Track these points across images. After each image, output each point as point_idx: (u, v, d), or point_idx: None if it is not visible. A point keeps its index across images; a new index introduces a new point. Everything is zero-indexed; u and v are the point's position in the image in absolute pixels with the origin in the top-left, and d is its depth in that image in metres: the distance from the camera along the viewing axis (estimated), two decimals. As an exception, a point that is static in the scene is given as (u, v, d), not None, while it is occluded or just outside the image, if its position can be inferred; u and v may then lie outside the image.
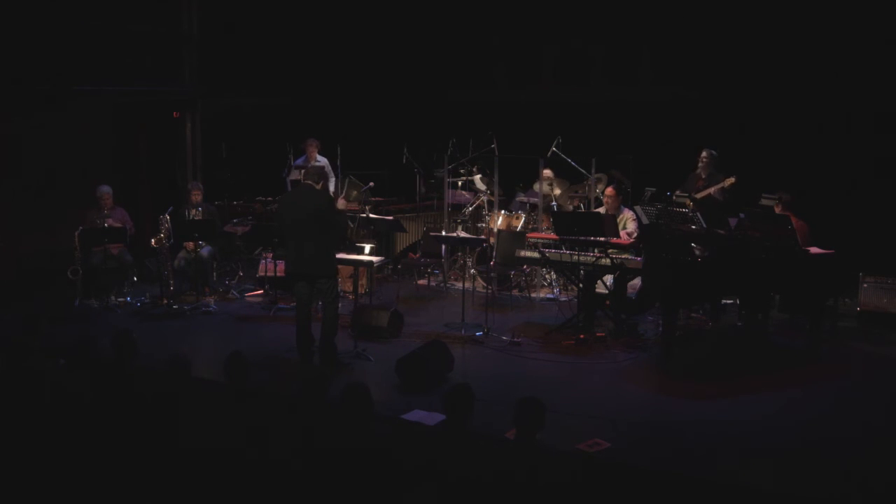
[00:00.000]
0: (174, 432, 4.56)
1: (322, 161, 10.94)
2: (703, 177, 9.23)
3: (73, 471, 4.42)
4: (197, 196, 10.01)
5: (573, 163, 10.17)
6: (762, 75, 10.49)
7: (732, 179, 8.90)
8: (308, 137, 10.94)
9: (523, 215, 10.27)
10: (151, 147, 12.04)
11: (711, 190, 9.00)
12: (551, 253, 8.57)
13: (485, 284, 9.79)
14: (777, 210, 8.55)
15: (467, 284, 9.61)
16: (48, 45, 10.11)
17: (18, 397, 5.07)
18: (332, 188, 10.81)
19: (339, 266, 8.19)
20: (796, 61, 10.26)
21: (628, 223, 8.74)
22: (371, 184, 10.81)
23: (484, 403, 5.12)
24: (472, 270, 10.17)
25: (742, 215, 8.22)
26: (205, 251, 9.86)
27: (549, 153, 10.16)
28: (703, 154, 9.25)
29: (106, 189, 9.68)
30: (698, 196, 9.04)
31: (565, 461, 4.81)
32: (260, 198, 11.36)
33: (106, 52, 10.68)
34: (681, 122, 10.68)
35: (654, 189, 9.73)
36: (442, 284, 10.61)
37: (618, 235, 8.31)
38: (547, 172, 10.40)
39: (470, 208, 10.98)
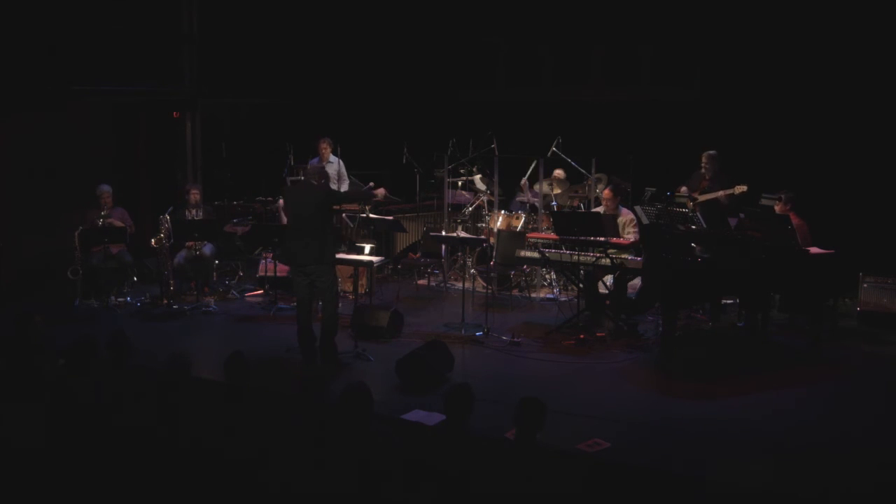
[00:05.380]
0: (174, 433, 4.56)
1: (335, 161, 10.85)
2: (708, 177, 9.22)
3: (73, 470, 4.42)
4: (196, 196, 9.99)
5: (573, 163, 10.18)
6: (762, 75, 10.48)
7: (744, 188, 8.83)
8: (321, 137, 10.69)
9: (523, 215, 10.26)
10: (151, 147, 12.02)
11: (720, 194, 8.96)
12: (551, 253, 8.57)
13: (485, 284, 9.78)
14: (778, 209, 8.55)
15: (467, 284, 9.60)
16: (48, 44, 10.09)
17: (16, 397, 5.06)
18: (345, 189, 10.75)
19: (339, 266, 8.17)
20: (796, 61, 10.25)
21: (628, 227, 8.65)
22: (371, 184, 10.78)
23: (484, 403, 5.12)
24: (472, 270, 10.16)
25: (742, 215, 8.22)
26: (207, 249, 9.86)
27: (549, 153, 10.16)
28: (704, 157, 9.24)
29: (106, 188, 9.67)
30: (702, 198, 9.02)
31: (565, 461, 4.81)
32: (260, 198, 11.35)
33: (106, 52, 10.65)
34: (681, 122, 10.67)
35: (654, 189, 9.72)
36: (442, 284, 10.60)
37: (618, 235, 8.31)
38: (558, 173, 10.43)
39: (470, 208, 10.97)
